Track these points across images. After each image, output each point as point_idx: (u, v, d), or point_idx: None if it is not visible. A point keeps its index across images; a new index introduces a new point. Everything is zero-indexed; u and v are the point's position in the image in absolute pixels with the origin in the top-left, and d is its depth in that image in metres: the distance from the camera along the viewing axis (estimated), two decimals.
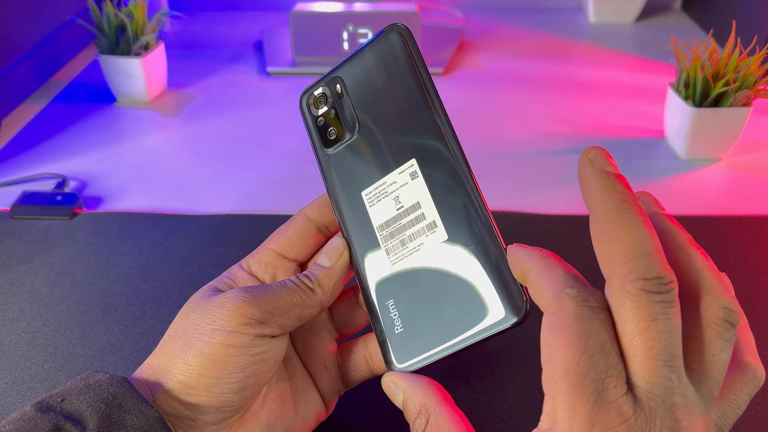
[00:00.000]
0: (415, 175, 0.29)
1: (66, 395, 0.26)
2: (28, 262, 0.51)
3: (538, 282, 0.24)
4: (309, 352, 0.33)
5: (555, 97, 0.81)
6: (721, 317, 0.22)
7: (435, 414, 0.26)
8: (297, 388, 0.32)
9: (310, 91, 0.34)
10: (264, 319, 0.28)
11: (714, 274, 0.23)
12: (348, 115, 0.32)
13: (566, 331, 0.21)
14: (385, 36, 0.30)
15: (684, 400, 0.21)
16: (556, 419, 0.21)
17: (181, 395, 0.28)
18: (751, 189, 0.62)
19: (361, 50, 0.31)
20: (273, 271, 0.32)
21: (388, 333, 0.29)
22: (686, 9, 1.12)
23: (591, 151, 0.24)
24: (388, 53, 0.30)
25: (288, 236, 0.33)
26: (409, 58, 0.30)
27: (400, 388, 0.28)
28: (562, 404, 0.21)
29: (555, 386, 0.21)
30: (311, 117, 0.33)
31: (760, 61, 0.60)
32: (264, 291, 0.29)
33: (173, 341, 0.29)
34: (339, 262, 0.31)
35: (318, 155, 0.33)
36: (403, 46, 0.30)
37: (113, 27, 0.75)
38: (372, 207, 0.31)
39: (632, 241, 0.21)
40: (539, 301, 0.24)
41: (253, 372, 0.28)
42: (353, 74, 0.32)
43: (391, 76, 0.30)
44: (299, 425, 0.32)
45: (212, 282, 0.32)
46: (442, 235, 0.28)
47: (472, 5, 1.14)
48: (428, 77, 0.29)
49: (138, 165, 0.67)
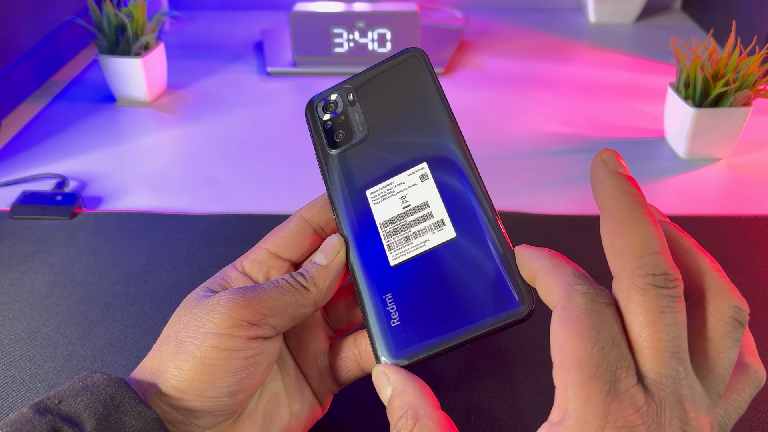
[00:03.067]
0: (425, 177, 0.31)
1: (63, 396, 0.26)
2: (28, 262, 0.51)
3: (548, 280, 0.24)
4: (302, 351, 0.33)
5: (555, 97, 0.81)
6: (731, 315, 0.23)
7: (426, 418, 0.25)
8: (290, 387, 0.32)
9: (321, 97, 0.35)
10: (256, 321, 0.28)
11: (721, 275, 0.23)
12: (358, 121, 0.33)
13: (577, 325, 0.22)
14: (403, 57, 0.33)
15: (691, 393, 0.21)
16: (568, 410, 0.21)
17: (174, 400, 0.27)
18: (751, 189, 0.62)
19: (378, 65, 0.34)
20: (266, 270, 0.32)
21: (383, 326, 0.28)
22: (686, 9, 1.12)
23: (605, 153, 0.25)
24: (405, 69, 0.33)
25: (283, 236, 0.32)
26: (430, 75, 0.33)
27: (391, 381, 0.27)
28: (574, 394, 0.21)
29: (567, 377, 0.22)
30: (319, 120, 0.34)
31: (760, 61, 0.60)
32: (256, 292, 0.29)
33: (165, 345, 0.29)
34: (335, 261, 0.31)
35: (321, 155, 0.33)
36: (421, 64, 0.33)
37: (113, 27, 0.75)
38: (376, 205, 0.31)
39: (641, 239, 0.22)
40: (548, 298, 0.24)
41: (246, 375, 0.28)
42: (367, 85, 0.34)
43: (408, 89, 0.33)
44: (295, 425, 0.32)
45: (205, 283, 0.31)
46: (450, 233, 0.29)
47: (472, 5, 1.14)
48: (443, 93, 0.32)
49: (138, 165, 0.67)
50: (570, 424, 0.21)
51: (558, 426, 0.21)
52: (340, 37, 0.87)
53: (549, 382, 0.39)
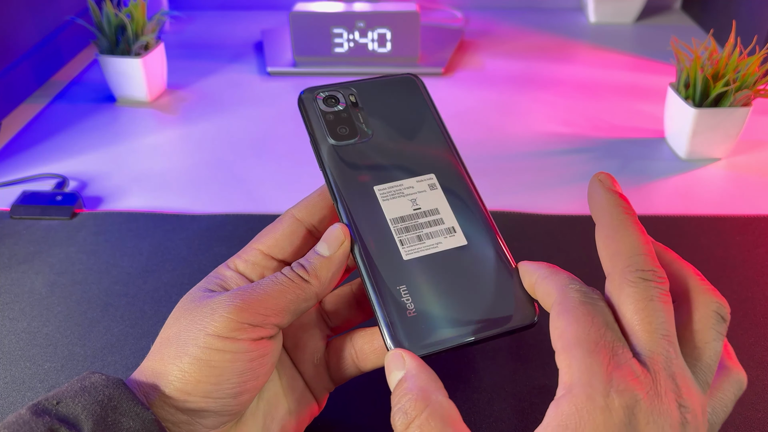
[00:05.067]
0: (434, 187, 0.32)
1: (61, 398, 0.26)
2: (28, 262, 0.51)
3: (545, 285, 0.27)
4: (299, 350, 0.33)
5: (555, 97, 0.81)
6: (714, 310, 0.25)
7: (437, 404, 0.25)
8: (288, 386, 0.32)
9: (320, 90, 0.35)
10: (259, 323, 0.28)
11: (703, 280, 0.26)
12: (362, 121, 0.33)
13: (574, 313, 0.24)
14: (402, 77, 0.36)
15: (683, 372, 0.23)
16: (573, 381, 0.23)
17: (178, 402, 0.27)
18: (751, 189, 0.62)
19: (376, 78, 0.35)
20: (261, 271, 0.32)
21: (400, 314, 0.28)
22: (686, 9, 1.12)
23: (600, 174, 0.28)
24: (405, 88, 0.35)
25: (276, 237, 0.32)
26: (428, 97, 0.35)
27: (406, 364, 0.26)
28: (578, 367, 0.23)
29: (570, 355, 0.23)
30: (319, 110, 0.34)
31: (760, 61, 0.60)
32: (256, 292, 0.28)
33: (166, 348, 0.28)
34: (339, 252, 0.30)
35: (320, 144, 0.33)
36: (420, 87, 0.35)
37: (113, 27, 0.75)
38: (386, 201, 0.31)
39: (632, 242, 0.25)
40: (546, 299, 0.27)
41: (251, 376, 0.28)
42: (369, 93, 0.35)
43: (407, 103, 0.35)
44: (294, 423, 0.32)
45: (201, 283, 0.31)
46: (462, 240, 0.30)
47: (472, 5, 1.14)
48: (441, 117, 0.35)
49: (138, 165, 0.67)
50: (577, 392, 0.22)
51: (565, 397, 0.23)
52: (340, 37, 0.87)
53: (549, 382, 0.39)
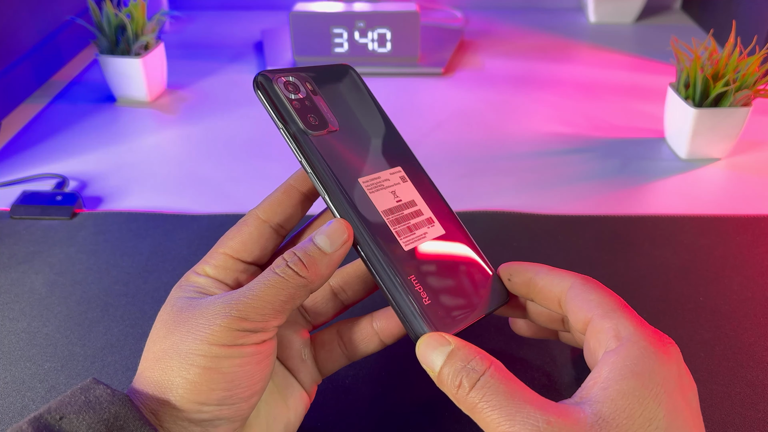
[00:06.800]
0: (405, 179, 0.33)
1: (65, 412, 0.25)
2: (28, 262, 0.51)
3: (551, 277, 0.31)
4: (284, 347, 0.33)
5: (555, 97, 0.81)
6: None
7: (496, 367, 0.26)
8: (280, 383, 0.32)
9: (277, 75, 0.32)
10: (259, 328, 0.28)
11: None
12: (326, 110, 0.32)
13: (598, 290, 0.29)
14: (338, 66, 0.35)
15: None
16: (621, 335, 0.27)
17: (191, 414, 0.27)
18: (751, 189, 0.62)
19: (316, 66, 0.35)
20: (234, 276, 0.31)
21: (420, 304, 0.29)
22: (686, 9, 1.12)
23: None
24: (345, 77, 0.35)
25: (242, 240, 0.31)
26: (365, 86, 0.36)
27: (451, 342, 0.27)
28: (625, 323, 0.27)
29: (616, 315, 0.28)
30: (284, 97, 0.31)
31: (760, 61, 0.60)
32: (250, 298, 0.28)
33: (166, 360, 0.28)
34: (342, 249, 0.29)
35: (296, 134, 0.31)
36: (357, 77, 0.36)
37: (113, 27, 0.75)
38: (373, 194, 0.31)
39: None
40: (553, 289, 0.31)
41: (260, 377, 0.28)
42: (321, 79, 0.34)
43: (355, 93, 0.35)
44: (293, 418, 0.32)
45: (176, 293, 0.30)
46: (440, 230, 0.32)
47: (472, 5, 1.14)
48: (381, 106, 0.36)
49: (138, 165, 0.67)
50: (637, 339, 0.26)
51: (624, 345, 0.26)
52: (340, 37, 0.87)
53: (549, 382, 0.39)
